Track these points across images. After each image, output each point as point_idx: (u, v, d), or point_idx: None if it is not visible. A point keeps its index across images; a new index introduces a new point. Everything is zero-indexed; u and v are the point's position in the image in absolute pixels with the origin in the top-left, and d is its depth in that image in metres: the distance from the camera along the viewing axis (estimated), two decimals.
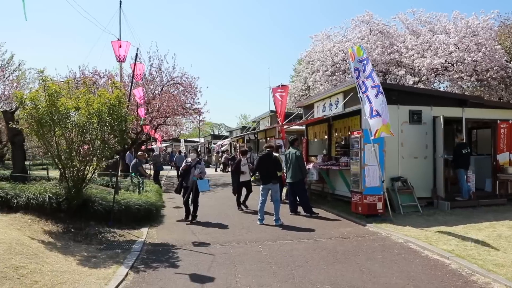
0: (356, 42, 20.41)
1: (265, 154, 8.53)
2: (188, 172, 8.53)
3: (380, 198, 8.42)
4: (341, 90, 10.25)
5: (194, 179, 8.38)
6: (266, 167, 8.38)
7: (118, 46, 6.57)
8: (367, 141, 8.35)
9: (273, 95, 14.06)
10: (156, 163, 15.50)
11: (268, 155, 8.43)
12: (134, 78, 8.11)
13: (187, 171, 8.54)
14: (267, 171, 8.34)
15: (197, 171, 8.51)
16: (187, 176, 8.53)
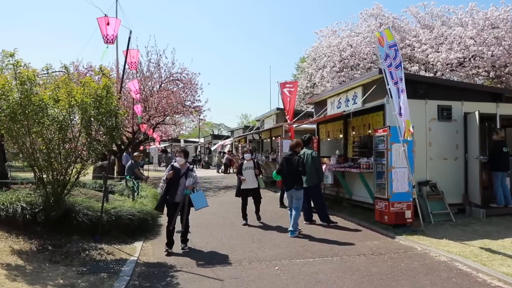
0: (366, 36, 19.37)
1: (289, 155, 7.45)
2: (175, 183, 6.03)
3: (409, 205, 7.34)
4: (360, 83, 9.16)
5: (186, 192, 6.01)
6: (288, 170, 7.29)
7: (105, 23, 5.46)
8: (395, 140, 7.27)
9: (281, 90, 12.98)
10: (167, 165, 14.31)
11: (291, 156, 7.33)
12: (128, 67, 7.01)
13: (173, 181, 6.03)
14: (290, 175, 7.27)
15: (189, 181, 6.00)
16: (173, 188, 6.03)
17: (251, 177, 8.15)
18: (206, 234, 7.30)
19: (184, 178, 6.03)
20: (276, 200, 11.41)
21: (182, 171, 6.10)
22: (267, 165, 16.85)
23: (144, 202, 8.11)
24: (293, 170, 7.14)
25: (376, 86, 8.39)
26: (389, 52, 6.72)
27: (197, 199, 6.12)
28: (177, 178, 6.03)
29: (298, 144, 7.48)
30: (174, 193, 6.02)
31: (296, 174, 7.13)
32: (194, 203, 6.09)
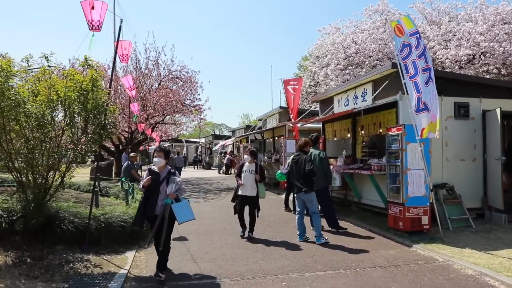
0: (371, 33, 18.77)
1: (297, 155, 6.82)
2: (154, 191, 4.81)
3: (426, 210, 6.74)
4: (370, 78, 8.57)
5: (167, 202, 4.74)
6: (297, 172, 6.66)
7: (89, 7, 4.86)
8: (411, 140, 6.68)
9: (284, 88, 12.39)
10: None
11: (299, 157, 6.71)
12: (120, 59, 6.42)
13: (152, 188, 4.83)
14: (298, 178, 6.64)
15: (170, 188, 4.76)
16: (152, 198, 4.80)
17: (250, 182, 6.84)
18: (206, 242, 6.71)
19: (165, 185, 4.79)
20: (280, 203, 10.83)
21: (162, 176, 4.83)
22: (270, 166, 16.26)
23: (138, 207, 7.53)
24: (302, 173, 6.54)
25: (388, 81, 7.80)
26: (410, 41, 6.12)
27: (181, 210, 4.81)
28: (156, 185, 4.78)
29: (307, 143, 6.86)
30: (154, 204, 4.77)
31: (304, 176, 6.53)
32: (177, 215, 4.76)
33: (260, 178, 6.87)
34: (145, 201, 4.84)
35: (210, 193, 14.30)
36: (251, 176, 6.87)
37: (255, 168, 6.93)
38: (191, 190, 15.57)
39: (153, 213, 4.78)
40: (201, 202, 11.89)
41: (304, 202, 6.67)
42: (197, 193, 14.36)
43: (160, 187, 4.80)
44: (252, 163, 6.99)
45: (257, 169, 6.93)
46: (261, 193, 6.97)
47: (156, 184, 4.80)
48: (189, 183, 19.53)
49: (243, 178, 6.92)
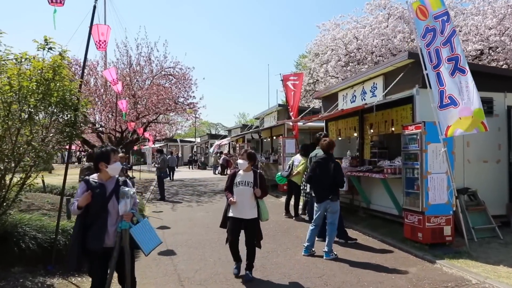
0: (374, 27, 17.95)
1: (321, 158, 5.87)
2: (99, 211, 3.25)
3: (449, 220, 5.90)
4: (381, 71, 7.72)
5: (123, 226, 3.24)
6: (322, 177, 5.71)
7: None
8: (432, 139, 5.84)
9: (284, 84, 11.52)
10: (160, 168, 12.58)
11: (325, 160, 5.79)
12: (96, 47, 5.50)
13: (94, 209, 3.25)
14: (323, 183, 5.71)
15: (123, 205, 3.22)
16: (96, 223, 3.23)
17: (248, 199, 4.74)
18: (197, 258, 5.82)
19: (114, 201, 3.24)
20: (280, 208, 9.96)
21: (109, 188, 3.28)
22: (268, 167, 15.40)
23: None
24: (329, 178, 5.61)
25: (403, 74, 6.94)
26: (434, 24, 5.27)
27: (144, 234, 3.32)
28: (103, 203, 3.22)
29: (331, 144, 5.89)
30: (102, 231, 3.19)
31: (332, 183, 5.63)
32: (141, 242, 3.26)
33: (261, 193, 4.78)
34: (85, 230, 3.21)
35: (204, 196, 13.40)
36: (248, 190, 4.74)
37: (254, 179, 4.79)
38: (184, 192, 14.68)
39: (101, 245, 3.17)
40: (194, 206, 11.00)
41: (325, 212, 5.78)
42: (190, 196, 13.46)
43: (108, 206, 3.23)
44: (249, 171, 4.84)
45: (257, 180, 4.80)
46: (264, 214, 4.91)
47: (101, 202, 3.21)
48: (182, 184, 18.63)
49: (236, 193, 4.77)
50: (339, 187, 5.73)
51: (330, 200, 5.60)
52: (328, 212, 5.69)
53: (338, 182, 5.58)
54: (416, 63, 6.70)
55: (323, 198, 5.67)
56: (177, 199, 12.78)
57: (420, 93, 6.62)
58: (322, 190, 5.69)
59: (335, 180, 5.55)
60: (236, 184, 4.81)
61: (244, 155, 4.88)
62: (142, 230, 3.33)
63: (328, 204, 5.64)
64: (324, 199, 5.65)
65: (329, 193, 5.59)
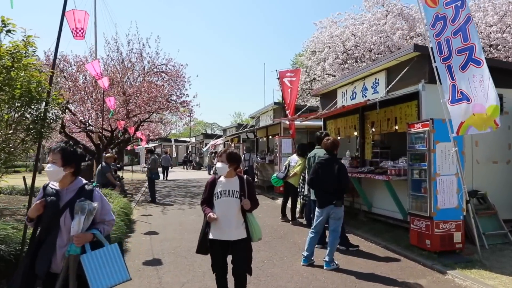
0: (372, 24, 17.53)
1: (324, 159, 5.33)
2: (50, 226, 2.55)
3: (459, 225, 5.44)
4: (383, 66, 7.25)
5: (71, 252, 2.44)
6: (325, 179, 5.17)
7: None
8: (441, 138, 5.38)
9: (280, 80, 11.02)
10: (151, 169, 11.94)
11: (329, 161, 5.26)
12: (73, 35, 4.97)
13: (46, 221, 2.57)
14: (326, 186, 5.18)
15: (76, 223, 2.44)
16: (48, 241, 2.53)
17: (233, 214, 3.62)
18: (185, 268, 5.30)
19: (67, 216, 2.52)
20: (276, 210, 9.48)
21: (64, 198, 2.59)
22: (263, 167, 14.90)
23: None
24: (332, 181, 5.10)
25: (408, 68, 6.48)
26: (445, 12, 4.80)
27: (100, 265, 2.49)
28: (52, 216, 2.54)
29: (336, 144, 5.37)
30: (48, 253, 2.52)
31: (337, 186, 5.11)
32: (91, 275, 2.43)
33: (251, 205, 3.61)
34: (35, 248, 2.56)
35: (197, 198, 12.87)
36: (234, 202, 3.60)
37: (240, 187, 3.65)
38: (177, 194, 14.14)
39: (44, 270, 2.50)
40: (186, 209, 10.47)
41: (327, 219, 5.24)
42: (183, 198, 12.93)
43: (60, 221, 2.52)
44: (233, 176, 3.69)
45: (244, 187, 3.66)
46: (255, 233, 3.74)
47: (52, 215, 2.53)
48: (175, 185, 18.09)
49: (217, 207, 3.63)
50: (344, 191, 5.24)
51: (334, 206, 5.08)
52: (331, 219, 5.18)
53: (343, 186, 5.08)
54: (422, 57, 6.25)
55: (326, 203, 5.16)
56: (169, 201, 12.26)
57: (427, 88, 6.16)
58: (325, 194, 5.18)
59: (339, 183, 5.05)
60: (216, 195, 3.62)
61: (223, 156, 3.62)
62: (100, 259, 2.48)
63: (332, 210, 5.12)
64: (327, 204, 5.14)
65: (333, 197, 5.09)
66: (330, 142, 5.25)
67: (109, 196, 8.90)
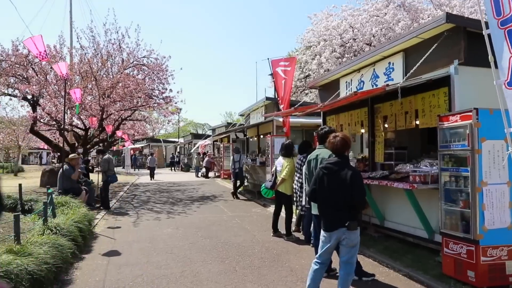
0: (372, 14, 16.23)
1: (331, 163, 3.82)
2: None
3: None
4: (399, 47, 5.87)
5: None
6: (332, 191, 3.69)
7: None
8: (488, 135, 4.01)
9: (273, 71, 9.60)
10: (106, 171, 10.29)
11: (338, 165, 3.71)
12: (39, 59, 3.64)
13: None
14: (335, 201, 3.67)
15: None
16: None
17: None
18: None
19: None
20: (267, 220, 8.08)
21: None
22: (254, 170, 13.46)
23: (57, 241, 4.66)
24: (343, 194, 3.62)
25: (435, 46, 5.08)
26: None
27: None
28: None
29: (347, 142, 3.82)
30: None
31: (349, 200, 3.63)
32: None
33: None
34: None
35: (178, 205, 11.39)
36: None
37: None
38: (157, 200, 12.63)
39: None
40: (163, 219, 8.98)
41: (337, 245, 3.75)
42: (162, 205, 11.43)
43: None
44: None
45: None
46: None
47: None
48: (158, 189, 16.55)
49: None
50: (359, 208, 3.81)
51: (347, 229, 3.63)
52: (343, 246, 3.70)
53: (357, 201, 3.64)
54: (455, 30, 4.88)
55: (335, 224, 3.67)
56: (146, 208, 10.75)
57: (461, 71, 4.82)
58: (333, 212, 3.71)
59: (352, 197, 3.61)
60: None
61: None
62: None
63: (344, 234, 3.64)
64: (337, 226, 3.64)
65: (345, 217, 3.63)
66: (339, 140, 3.79)
67: (67, 206, 7.40)
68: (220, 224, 8.13)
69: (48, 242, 4.59)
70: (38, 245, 4.35)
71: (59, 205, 7.35)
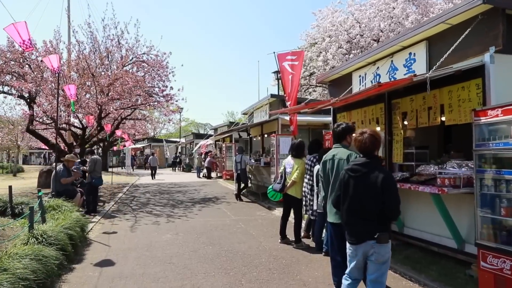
0: (381, 9, 15.66)
1: (359, 164, 3.26)
2: None
3: None
4: (421, 36, 5.30)
5: None
6: (359, 198, 3.14)
7: None
8: None
9: (279, 65, 9.03)
10: (92, 172, 9.49)
11: (366, 168, 3.16)
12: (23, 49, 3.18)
13: None
14: (363, 210, 3.12)
15: None
16: None
17: None
18: None
19: None
20: (273, 225, 7.56)
21: None
22: (258, 171, 12.92)
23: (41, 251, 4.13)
24: (374, 201, 3.06)
25: (468, 32, 4.51)
26: None
27: None
28: None
29: (377, 140, 3.24)
30: None
31: (379, 208, 3.06)
32: None
33: None
34: None
35: (179, 207, 10.85)
36: None
37: None
38: (157, 202, 12.09)
39: None
40: (162, 223, 8.44)
41: (365, 259, 3.18)
42: (163, 207, 10.89)
43: None
44: None
45: None
46: None
47: None
48: (158, 190, 16.02)
49: None
50: (392, 218, 3.23)
51: (376, 242, 3.07)
52: (371, 262, 3.14)
53: (389, 210, 3.07)
54: (493, 12, 4.31)
55: (361, 236, 3.12)
56: (145, 211, 10.21)
57: (497, 60, 4.26)
58: (359, 222, 3.15)
59: (384, 205, 3.05)
60: None
61: None
62: None
63: (372, 248, 3.09)
64: (364, 238, 3.10)
65: (374, 227, 3.09)
66: (368, 137, 3.22)
67: (58, 210, 6.87)
68: (223, 229, 7.59)
69: (31, 253, 4.05)
70: (18, 258, 3.81)
71: (50, 209, 6.84)
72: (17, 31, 5.12)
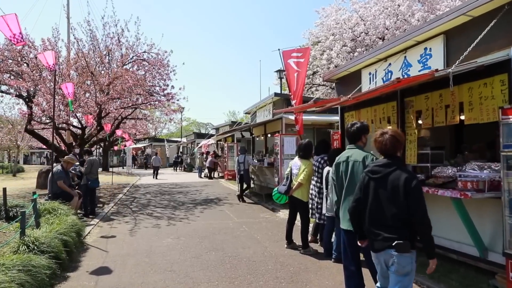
0: (386, 6, 15.31)
1: (380, 165, 2.94)
2: None
3: None
4: (438, 29, 4.97)
5: None
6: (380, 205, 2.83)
7: None
8: None
9: (284, 63, 8.71)
10: (88, 174, 9.17)
11: (388, 169, 2.85)
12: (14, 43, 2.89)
13: None
14: (383, 217, 2.81)
15: None
16: None
17: None
18: None
19: None
20: (279, 228, 7.24)
21: None
22: (261, 172, 12.60)
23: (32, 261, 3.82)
24: (393, 204, 2.78)
25: (494, 23, 4.18)
26: None
27: None
28: None
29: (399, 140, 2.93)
30: None
31: (401, 213, 2.76)
32: None
33: None
34: None
35: (180, 209, 10.54)
36: None
37: None
38: (157, 203, 11.78)
39: None
40: (163, 226, 8.13)
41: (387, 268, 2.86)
42: (163, 209, 10.58)
43: None
44: None
45: None
46: None
47: None
48: (159, 190, 15.71)
49: None
50: (422, 229, 2.83)
51: (396, 251, 2.74)
52: (393, 273, 2.80)
53: (415, 217, 2.75)
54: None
55: (380, 244, 2.80)
56: (145, 213, 9.90)
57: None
58: (380, 228, 2.83)
59: (409, 211, 2.73)
60: None
61: None
62: None
63: (392, 257, 2.75)
64: (383, 246, 2.79)
65: (394, 235, 2.76)
66: (389, 138, 2.90)
67: (54, 213, 6.57)
68: (226, 233, 7.28)
69: (19, 264, 3.74)
70: (4, 270, 3.50)
71: (45, 213, 6.53)
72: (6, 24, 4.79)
